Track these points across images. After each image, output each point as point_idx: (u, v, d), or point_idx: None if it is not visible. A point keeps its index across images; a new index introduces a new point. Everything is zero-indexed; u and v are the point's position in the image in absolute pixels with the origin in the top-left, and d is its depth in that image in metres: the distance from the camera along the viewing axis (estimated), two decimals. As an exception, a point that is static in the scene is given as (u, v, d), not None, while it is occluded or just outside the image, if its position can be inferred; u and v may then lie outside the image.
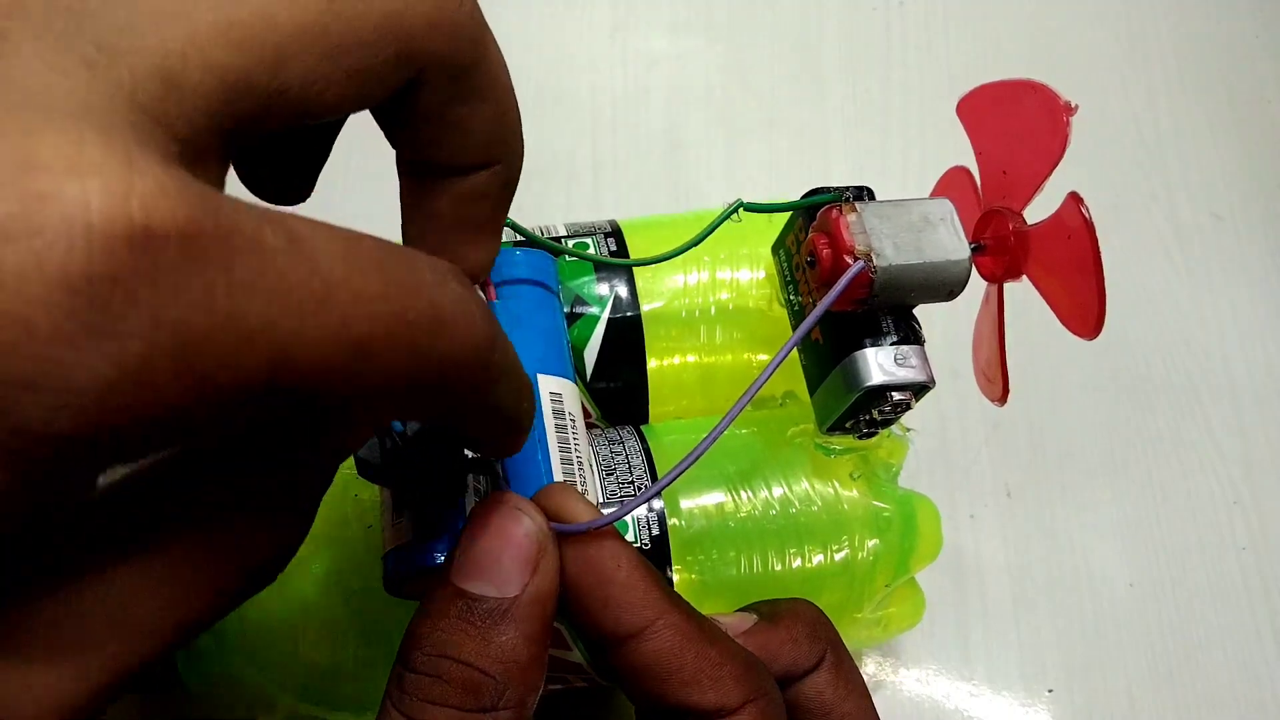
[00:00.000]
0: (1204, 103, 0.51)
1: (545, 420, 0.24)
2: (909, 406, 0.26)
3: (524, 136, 0.20)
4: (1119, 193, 0.49)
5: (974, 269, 0.25)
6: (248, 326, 0.11)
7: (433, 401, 0.15)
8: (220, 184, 0.15)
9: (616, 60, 0.50)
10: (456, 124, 0.18)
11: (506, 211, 0.21)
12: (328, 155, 0.21)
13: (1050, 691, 0.38)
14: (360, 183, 0.43)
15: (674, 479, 0.21)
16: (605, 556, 0.20)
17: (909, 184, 0.48)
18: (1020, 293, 0.26)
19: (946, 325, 0.35)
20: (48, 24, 0.12)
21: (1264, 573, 0.40)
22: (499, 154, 0.19)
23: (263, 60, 0.14)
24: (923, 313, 0.26)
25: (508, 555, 0.19)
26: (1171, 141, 0.50)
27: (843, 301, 0.24)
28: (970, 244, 0.25)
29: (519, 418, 0.18)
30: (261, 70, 0.14)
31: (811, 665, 0.23)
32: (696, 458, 0.21)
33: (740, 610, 0.24)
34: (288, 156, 0.21)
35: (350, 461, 0.22)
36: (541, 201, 0.46)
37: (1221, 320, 0.46)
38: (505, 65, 0.18)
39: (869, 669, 0.38)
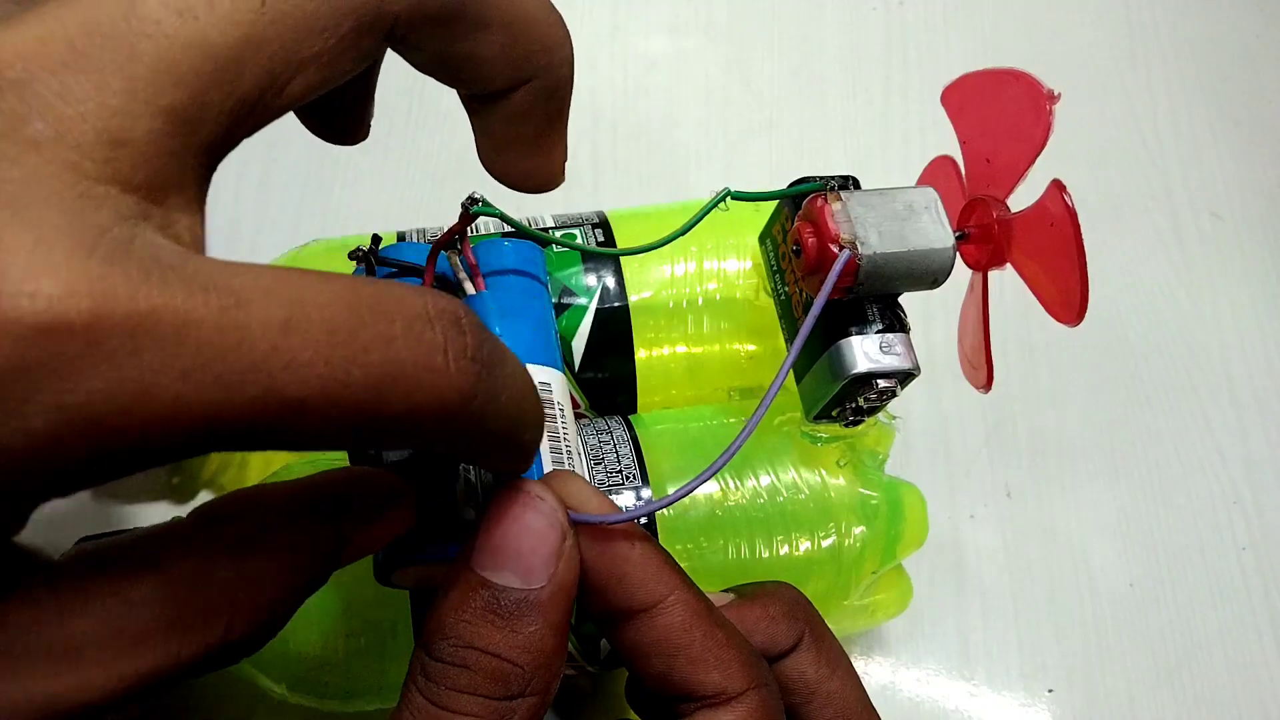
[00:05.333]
0: (1204, 103, 0.51)
1: None
2: (895, 394, 0.26)
3: (569, 42, 0.19)
4: (1119, 192, 0.49)
5: (958, 257, 0.25)
6: (160, 401, 0.12)
7: (403, 440, 0.15)
8: (201, 198, 0.15)
9: (616, 60, 0.50)
10: (466, 58, 0.18)
11: (562, 119, 0.21)
12: (372, 95, 0.22)
13: (1050, 691, 0.37)
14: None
15: (698, 486, 0.21)
16: (619, 538, 0.20)
17: (908, 183, 0.47)
18: (1019, 293, 0.26)
19: (949, 325, 0.35)
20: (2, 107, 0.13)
21: (1264, 573, 0.40)
22: (526, 72, 0.19)
23: (210, 85, 0.14)
24: (925, 312, 0.26)
25: (532, 547, 0.19)
26: (1171, 141, 0.50)
27: (829, 290, 0.24)
28: (955, 232, 0.25)
29: (519, 450, 0.18)
30: (214, 93, 0.14)
31: (790, 645, 0.23)
32: (726, 461, 0.21)
33: (720, 592, 0.24)
34: (332, 106, 0.21)
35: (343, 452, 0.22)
36: (541, 202, 0.46)
37: (1221, 320, 0.46)
38: None
39: (868, 668, 0.37)
